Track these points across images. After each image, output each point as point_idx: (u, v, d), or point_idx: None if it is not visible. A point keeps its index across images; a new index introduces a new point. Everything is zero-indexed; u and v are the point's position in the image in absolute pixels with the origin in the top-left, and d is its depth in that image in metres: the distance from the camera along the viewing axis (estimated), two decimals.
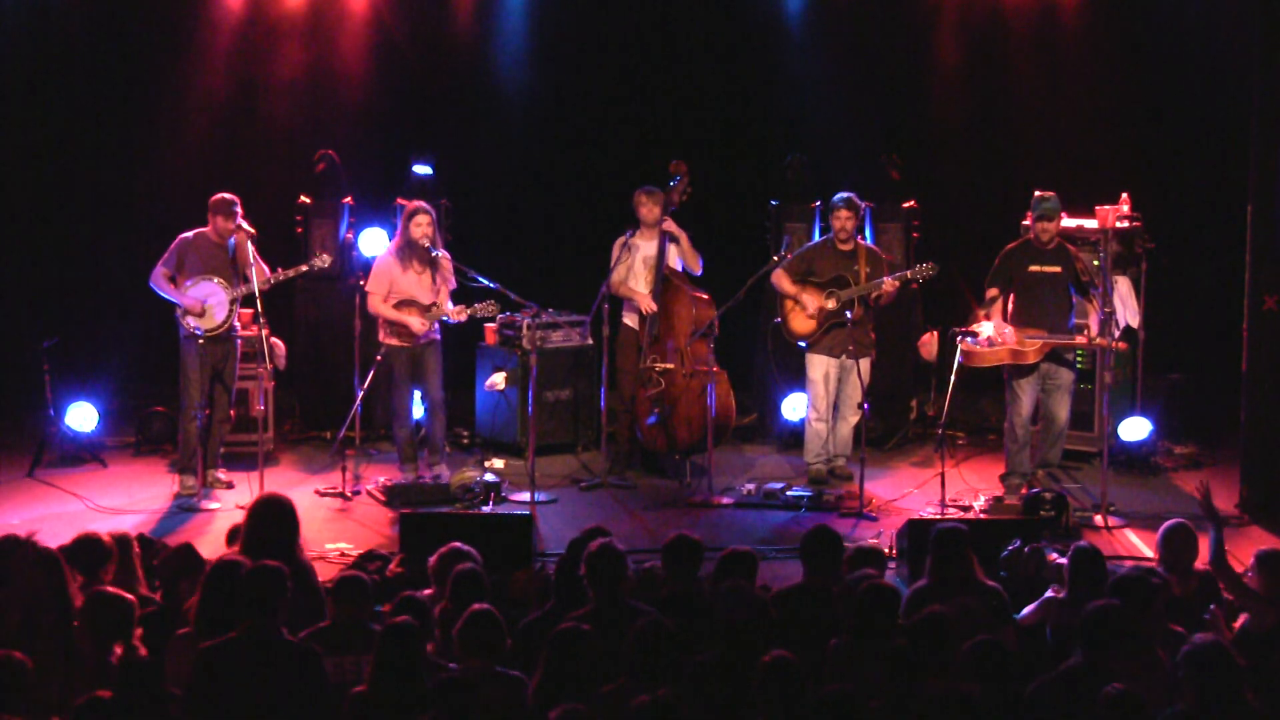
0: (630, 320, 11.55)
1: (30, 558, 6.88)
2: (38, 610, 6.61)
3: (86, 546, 7.36)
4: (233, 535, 8.02)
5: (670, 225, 11.34)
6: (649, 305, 11.31)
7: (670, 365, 11.35)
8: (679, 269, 11.45)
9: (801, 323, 11.30)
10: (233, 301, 10.86)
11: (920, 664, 6.12)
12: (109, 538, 7.48)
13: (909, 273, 11.10)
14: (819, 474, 11.33)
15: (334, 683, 6.32)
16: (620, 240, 11.45)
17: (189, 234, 10.93)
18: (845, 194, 11.28)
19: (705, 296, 11.43)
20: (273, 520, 7.47)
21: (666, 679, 5.98)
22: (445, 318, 10.95)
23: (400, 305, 10.96)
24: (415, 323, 10.89)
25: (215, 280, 10.84)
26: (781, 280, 11.32)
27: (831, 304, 11.17)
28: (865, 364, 11.08)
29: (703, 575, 7.64)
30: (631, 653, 6.13)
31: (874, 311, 11.30)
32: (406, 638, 6.08)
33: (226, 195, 10.89)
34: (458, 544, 7.53)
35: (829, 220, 11.39)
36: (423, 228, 10.88)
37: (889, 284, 11.01)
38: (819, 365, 11.28)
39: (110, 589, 6.63)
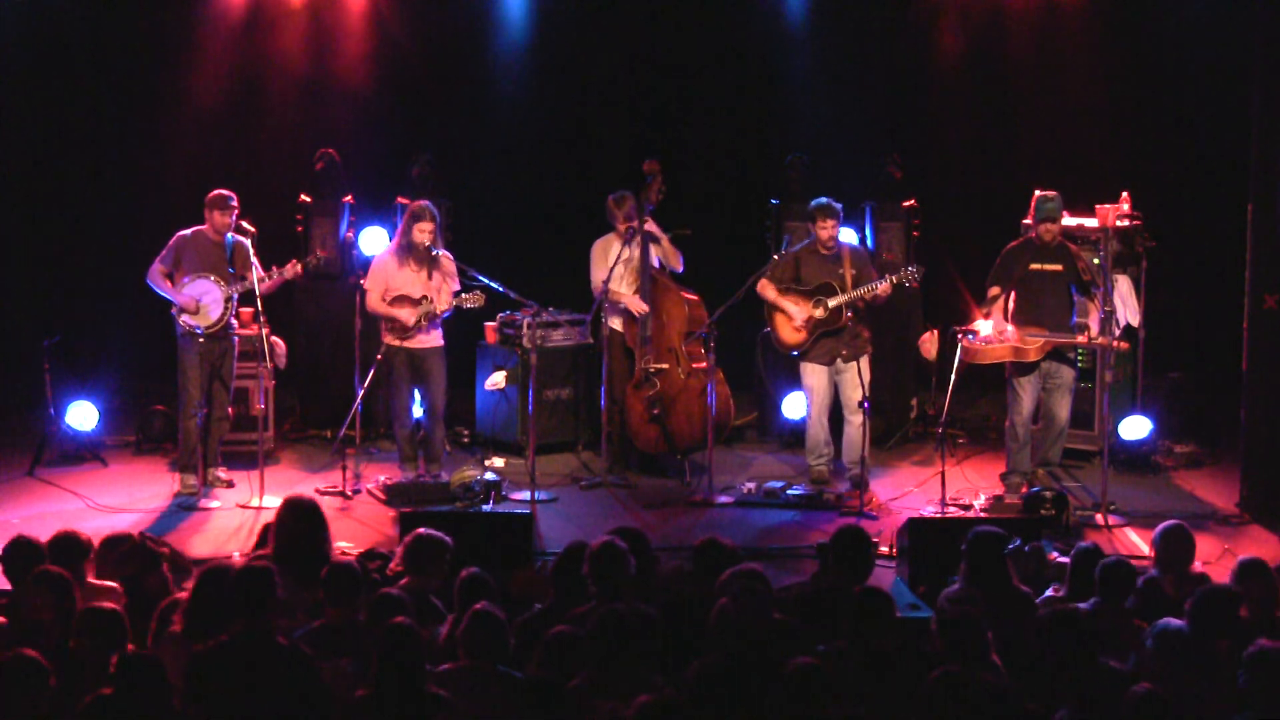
0: (615, 323, 11.52)
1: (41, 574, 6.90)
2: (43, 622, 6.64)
3: (65, 544, 7.41)
4: (265, 535, 8.00)
5: (650, 226, 11.31)
6: (640, 307, 11.29)
7: (665, 365, 11.34)
8: (656, 266, 11.39)
9: (790, 333, 11.14)
10: (228, 299, 10.86)
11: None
12: (85, 535, 7.54)
13: (896, 276, 10.89)
14: (820, 474, 11.26)
15: (330, 686, 6.27)
16: (601, 241, 11.43)
17: (187, 231, 10.94)
18: (824, 199, 11.06)
19: (695, 297, 11.42)
20: (301, 521, 7.47)
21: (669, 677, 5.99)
22: (437, 312, 10.92)
23: (395, 301, 10.96)
24: (405, 314, 10.88)
25: (211, 278, 10.84)
26: (766, 289, 11.17)
27: (820, 312, 10.98)
28: (862, 364, 10.95)
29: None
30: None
31: (866, 311, 11.11)
32: (408, 639, 6.04)
33: (222, 190, 10.90)
34: (422, 530, 7.54)
35: (813, 226, 11.18)
36: (425, 234, 10.87)
37: (884, 287, 10.86)
38: (813, 373, 11.13)
39: (102, 604, 6.59)
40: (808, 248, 11.21)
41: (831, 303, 10.93)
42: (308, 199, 12.62)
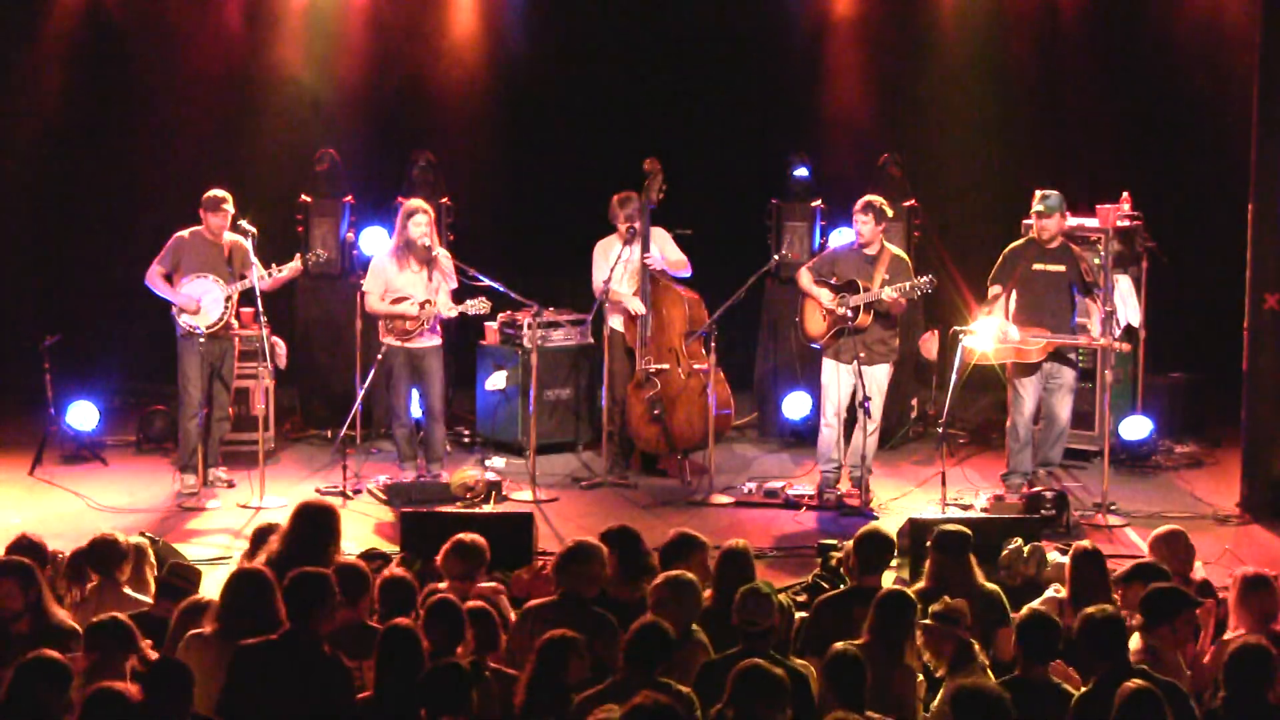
0: (616, 323, 11.51)
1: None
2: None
3: (102, 547, 7.41)
4: (258, 537, 8.01)
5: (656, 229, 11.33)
6: (636, 308, 11.27)
7: (665, 365, 11.34)
8: (658, 265, 11.37)
9: (815, 324, 10.97)
10: (228, 299, 10.87)
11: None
12: (125, 539, 7.55)
13: (907, 285, 10.68)
14: (828, 479, 11.09)
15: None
16: (603, 242, 11.43)
17: (184, 232, 10.94)
18: (867, 197, 10.89)
19: (696, 296, 11.41)
20: (313, 526, 7.44)
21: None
22: (439, 314, 10.92)
23: (396, 303, 10.96)
24: (409, 308, 10.87)
25: (210, 278, 10.84)
26: (801, 278, 11.04)
27: (841, 309, 10.83)
28: (878, 370, 10.81)
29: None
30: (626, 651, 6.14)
31: (894, 319, 10.90)
32: (408, 642, 6.03)
33: (216, 192, 10.89)
34: (464, 535, 7.55)
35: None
36: (421, 227, 10.87)
37: (886, 296, 10.63)
38: (829, 370, 10.95)
39: (111, 614, 6.58)
40: (852, 245, 11.06)
41: (852, 301, 10.76)
42: (308, 199, 12.63)
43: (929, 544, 7.56)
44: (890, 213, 11.06)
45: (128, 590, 7.43)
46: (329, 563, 7.14)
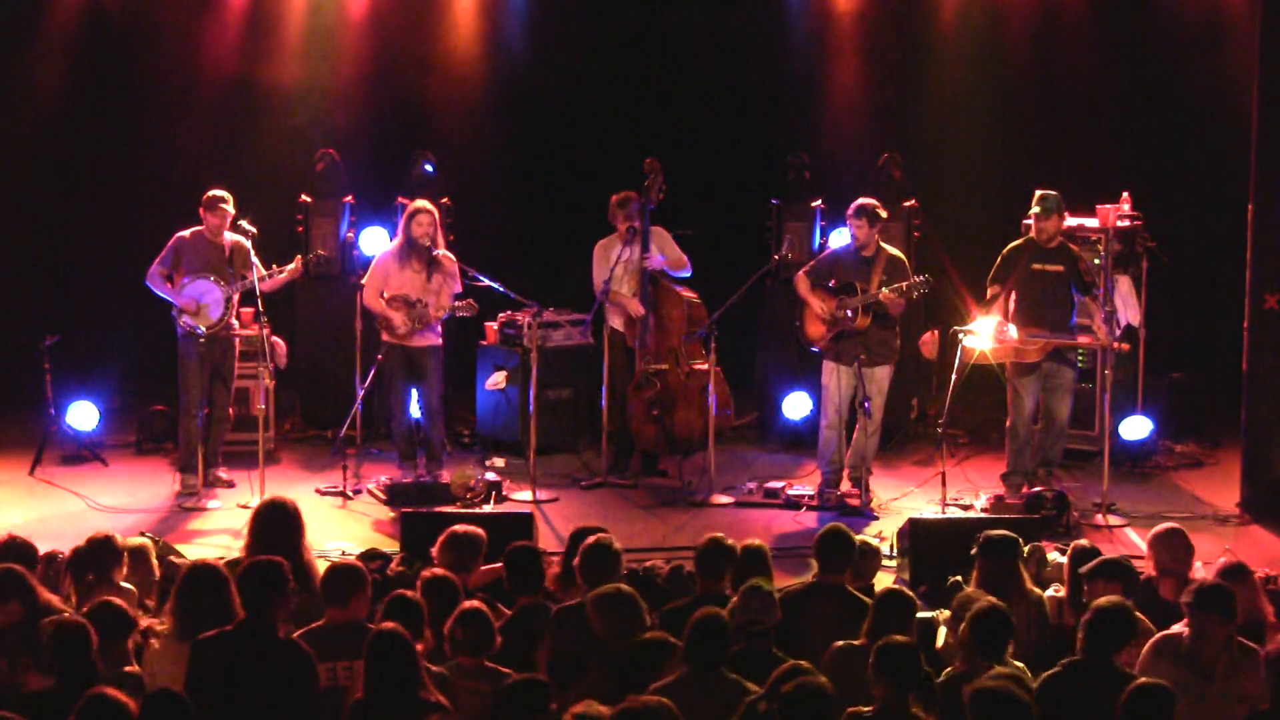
0: (616, 323, 11.51)
1: None
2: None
3: (98, 547, 7.41)
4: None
5: (656, 229, 11.32)
6: (636, 309, 11.27)
7: (664, 366, 11.33)
8: (659, 265, 11.36)
9: (814, 328, 10.98)
10: (228, 300, 10.87)
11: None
12: (121, 540, 7.55)
13: (904, 285, 10.68)
14: (829, 480, 11.05)
15: (328, 689, 6.27)
16: (603, 242, 11.42)
17: (185, 233, 10.94)
18: (860, 201, 10.86)
19: (695, 297, 11.40)
20: (276, 523, 7.47)
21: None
22: (431, 317, 10.89)
23: (391, 301, 10.96)
24: (398, 318, 10.87)
25: (211, 278, 10.84)
26: (799, 283, 11.04)
27: (840, 312, 10.79)
28: (879, 372, 10.80)
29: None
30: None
31: (893, 320, 10.87)
32: (397, 645, 6.03)
33: (216, 191, 10.90)
34: (458, 527, 7.62)
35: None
36: (423, 226, 10.87)
37: (885, 296, 10.63)
38: (829, 371, 10.95)
39: (111, 599, 6.61)
40: (849, 248, 11.04)
41: (850, 303, 10.74)
42: (308, 199, 12.63)
43: (974, 550, 7.54)
44: (884, 214, 11.04)
45: (125, 587, 7.43)
46: (299, 553, 7.16)
